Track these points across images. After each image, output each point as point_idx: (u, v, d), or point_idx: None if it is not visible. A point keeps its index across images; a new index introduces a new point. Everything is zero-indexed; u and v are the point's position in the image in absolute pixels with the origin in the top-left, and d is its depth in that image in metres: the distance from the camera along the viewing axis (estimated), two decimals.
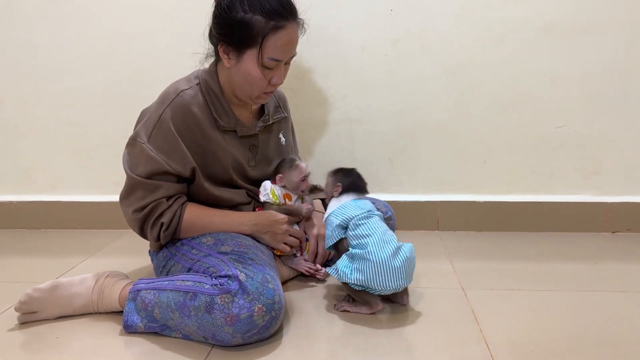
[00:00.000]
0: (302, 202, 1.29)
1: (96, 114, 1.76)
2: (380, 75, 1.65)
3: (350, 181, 1.21)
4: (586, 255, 1.46)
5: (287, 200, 1.26)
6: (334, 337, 1.01)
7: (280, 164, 1.27)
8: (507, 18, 1.58)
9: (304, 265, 1.27)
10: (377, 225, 1.10)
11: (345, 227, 1.13)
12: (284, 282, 1.27)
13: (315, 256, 1.28)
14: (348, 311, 1.10)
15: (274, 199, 1.23)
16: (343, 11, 1.62)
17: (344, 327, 1.04)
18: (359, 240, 1.08)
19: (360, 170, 1.26)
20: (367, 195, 1.24)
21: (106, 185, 1.82)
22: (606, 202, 1.65)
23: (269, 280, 0.97)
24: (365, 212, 1.12)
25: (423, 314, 1.10)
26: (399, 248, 1.06)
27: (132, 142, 1.12)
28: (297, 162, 1.26)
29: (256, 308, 0.93)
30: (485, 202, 1.69)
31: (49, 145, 1.81)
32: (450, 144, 1.68)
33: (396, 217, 1.51)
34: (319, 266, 1.28)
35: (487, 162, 1.68)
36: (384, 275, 1.02)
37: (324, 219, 1.21)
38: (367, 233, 1.08)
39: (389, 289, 1.03)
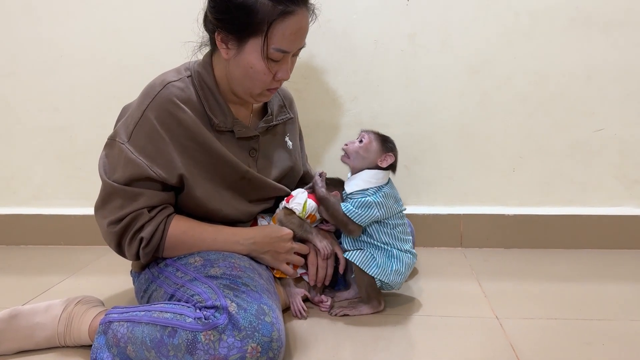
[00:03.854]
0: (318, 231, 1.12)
1: (83, 117, 1.66)
2: (395, 73, 1.54)
3: (397, 157, 1.10)
4: (636, 277, 1.29)
5: (309, 220, 1.10)
6: None
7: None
8: (536, 8, 1.47)
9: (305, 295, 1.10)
10: (406, 224, 1.13)
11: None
12: (286, 309, 1.09)
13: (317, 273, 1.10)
14: (348, 315, 1.07)
15: (302, 212, 1.08)
16: (354, 2, 1.51)
17: None
18: (397, 243, 1.07)
19: None
20: None
21: (93, 196, 1.66)
22: None
23: (266, 312, 0.81)
24: (401, 209, 1.10)
25: (454, 349, 0.93)
26: None
27: (110, 143, 1.00)
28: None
29: (249, 348, 0.76)
30: (514, 215, 1.56)
31: (31, 152, 1.70)
32: (473, 150, 1.56)
33: (414, 232, 1.37)
34: (323, 297, 1.11)
35: (516, 170, 1.56)
36: (407, 275, 1.09)
37: (352, 189, 1.06)
38: (406, 237, 1.09)
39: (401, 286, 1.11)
